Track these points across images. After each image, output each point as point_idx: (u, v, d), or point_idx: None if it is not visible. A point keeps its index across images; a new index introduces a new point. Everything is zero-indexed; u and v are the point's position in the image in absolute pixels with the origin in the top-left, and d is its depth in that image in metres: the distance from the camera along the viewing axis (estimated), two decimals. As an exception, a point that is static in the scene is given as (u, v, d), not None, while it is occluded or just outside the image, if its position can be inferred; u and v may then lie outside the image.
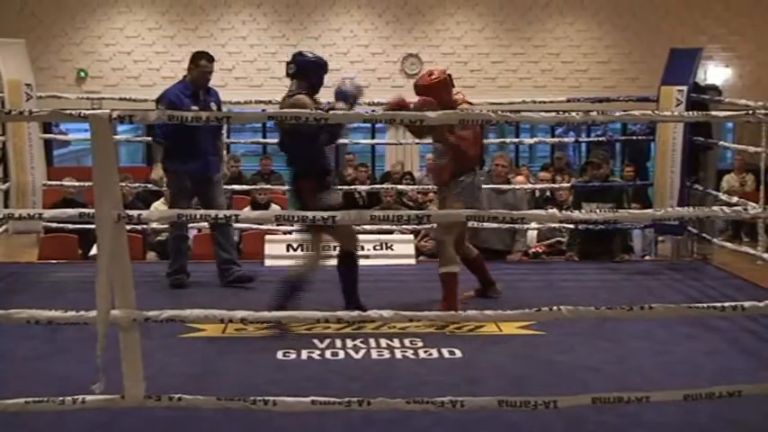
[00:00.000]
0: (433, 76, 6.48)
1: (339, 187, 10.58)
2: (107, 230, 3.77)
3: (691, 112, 6.90)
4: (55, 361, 5.27)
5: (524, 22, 15.79)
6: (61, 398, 3.91)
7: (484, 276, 7.01)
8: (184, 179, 7.30)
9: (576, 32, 15.81)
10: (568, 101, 9.34)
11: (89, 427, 4.27)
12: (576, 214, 4.44)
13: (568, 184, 9.84)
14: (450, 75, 6.54)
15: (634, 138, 12.10)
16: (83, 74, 15.12)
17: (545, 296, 6.76)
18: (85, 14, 15.22)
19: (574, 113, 4.14)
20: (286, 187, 7.73)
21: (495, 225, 7.55)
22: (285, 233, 8.36)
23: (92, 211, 3.88)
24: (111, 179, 3.79)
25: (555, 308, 4.03)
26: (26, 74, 8.30)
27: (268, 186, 10.55)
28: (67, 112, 3.90)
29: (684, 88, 8.02)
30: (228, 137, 8.80)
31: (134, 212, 4.02)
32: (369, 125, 14.39)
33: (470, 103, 6.64)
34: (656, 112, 7.15)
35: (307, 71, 6.33)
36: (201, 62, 7.48)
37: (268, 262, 8.09)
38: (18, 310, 3.97)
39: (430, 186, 10.23)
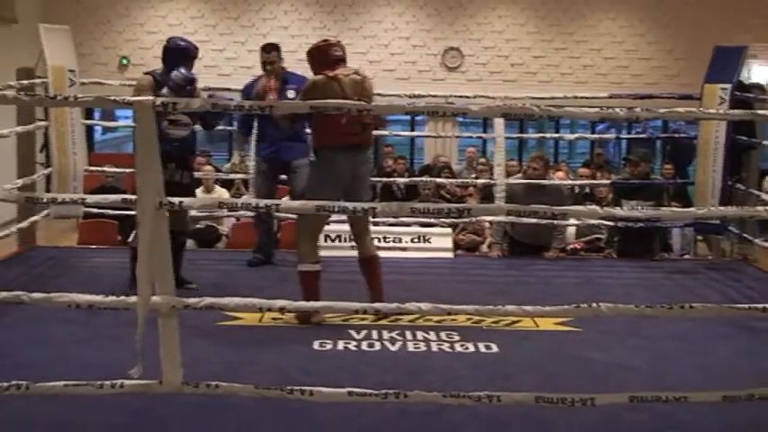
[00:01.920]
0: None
1: (377, 179, 10.66)
2: (149, 217, 3.79)
3: (735, 111, 6.83)
4: (93, 345, 5.31)
5: (566, 17, 15.69)
6: (99, 382, 3.93)
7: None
8: (259, 163, 7.77)
9: (618, 28, 15.69)
10: (611, 97, 9.26)
11: (125, 412, 4.30)
12: (617, 211, 4.40)
13: (608, 181, 9.79)
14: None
15: (675, 135, 11.99)
16: (125, 61, 15.21)
17: (583, 293, 6.72)
18: (129, 2, 15.30)
19: (617, 109, 4.10)
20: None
21: (534, 220, 7.57)
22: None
23: (134, 197, 3.90)
24: (153, 166, 3.81)
25: (594, 305, 4.01)
26: (70, 60, 8.35)
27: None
28: (112, 98, 3.92)
29: (728, 86, 7.94)
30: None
31: (175, 199, 4.04)
32: (408, 117, 14.42)
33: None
34: (700, 109, 7.08)
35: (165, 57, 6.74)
36: (261, 53, 7.68)
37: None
38: (59, 294, 4.00)
39: (469, 180, 10.23)
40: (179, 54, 6.68)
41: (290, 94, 7.35)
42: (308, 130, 7.18)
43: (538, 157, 8.82)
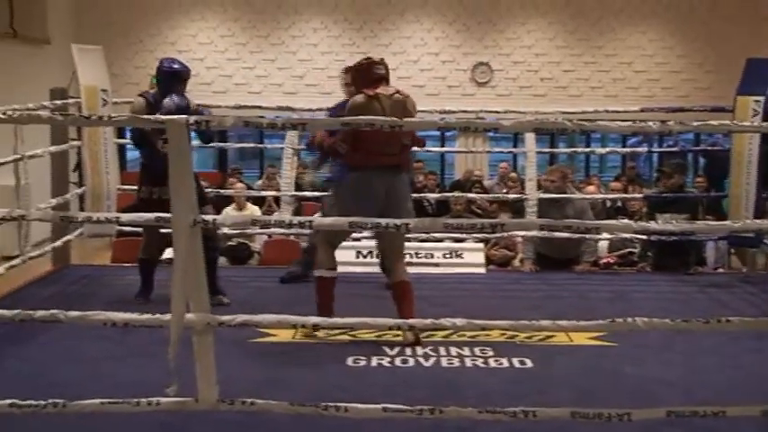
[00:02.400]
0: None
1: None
2: (183, 235, 3.81)
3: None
4: (128, 363, 5.33)
5: (596, 31, 15.66)
6: (136, 400, 3.95)
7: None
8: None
9: (648, 42, 15.64)
10: (642, 110, 9.23)
11: (162, 430, 4.31)
12: (651, 225, 4.38)
13: (640, 195, 9.74)
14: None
15: (709, 148, 11.92)
16: (156, 80, 15.28)
17: (617, 307, 6.70)
18: (160, 22, 15.43)
19: (650, 123, 4.09)
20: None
21: (566, 235, 7.53)
22: (355, 240, 8.35)
23: (168, 215, 3.92)
24: (186, 184, 3.83)
25: (629, 319, 3.98)
26: (102, 80, 8.42)
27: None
28: (145, 117, 3.95)
29: (762, 98, 7.89)
30: (299, 144, 8.80)
31: (208, 217, 4.06)
32: (438, 133, 14.43)
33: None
34: (734, 122, 7.03)
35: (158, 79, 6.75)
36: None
37: (339, 268, 8.08)
38: (94, 312, 4.03)
39: (500, 195, 10.21)
40: (171, 77, 6.71)
41: None
42: None
43: (555, 169, 8.81)
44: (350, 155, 6.00)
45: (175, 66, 6.83)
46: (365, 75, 6.06)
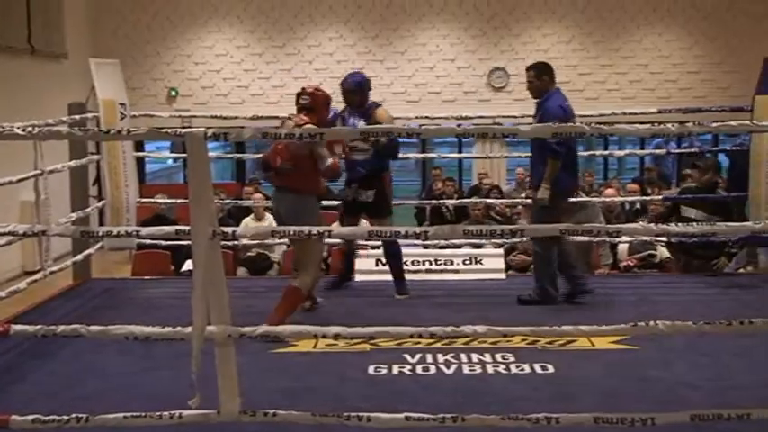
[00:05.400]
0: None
1: (426, 201, 10.68)
2: (203, 247, 3.82)
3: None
4: (150, 376, 5.34)
5: (612, 33, 15.63)
6: (158, 413, 3.96)
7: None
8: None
9: (664, 43, 15.60)
10: (659, 112, 9.19)
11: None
12: (672, 228, 4.35)
13: (659, 197, 9.69)
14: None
15: (728, 149, 11.84)
16: (174, 93, 15.40)
17: (639, 310, 6.66)
18: (176, 35, 15.50)
19: (669, 125, 4.07)
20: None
21: (586, 239, 7.51)
22: (374, 248, 8.35)
23: (187, 227, 3.93)
24: (206, 196, 3.84)
25: (651, 323, 3.97)
26: (120, 93, 8.45)
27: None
28: (164, 130, 3.96)
29: (781, 98, 7.87)
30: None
31: (228, 229, 4.07)
32: (456, 139, 14.43)
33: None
34: (753, 122, 7.00)
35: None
36: None
37: (358, 277, 8.08)
38: (116, 326, 4.04)
39: (518, 200, 10.18)
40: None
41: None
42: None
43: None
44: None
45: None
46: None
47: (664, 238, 8.36)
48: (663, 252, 8.86)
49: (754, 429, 4.23)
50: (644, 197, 10.51)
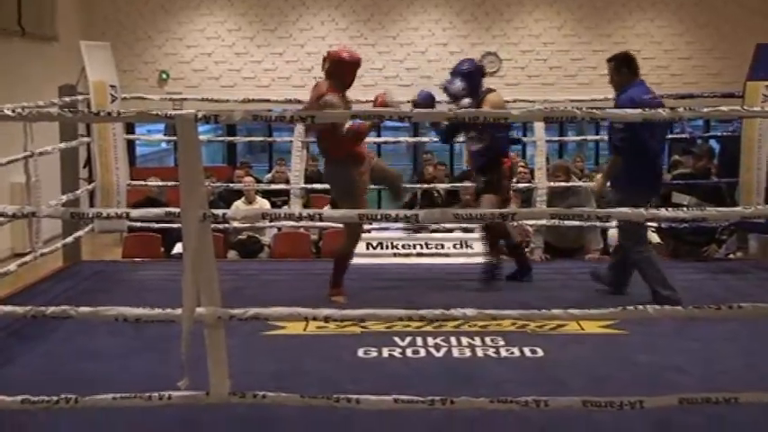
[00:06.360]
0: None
1: (417, 185, 10.69)
2: (193, 229, 3.81)
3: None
4: (141, 358, 5.34)
5: (604, 19, 15.63)
6: (148, 394, 3.96)
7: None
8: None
9: (656, 29, 15.60)
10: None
11: (175, 424, 4.32)
12: (662, 212, 4.35)
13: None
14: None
15: (719, 135, 11.84)
16: (165, 76, 15.36)
17: (628, 295, 6.68)
18: (168, 18, 15.45)
19: (660, 110, 4.07)
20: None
21: (576, 223, 7.51)
22: (365, 231, 8.34)
23: (177, 210, 3.92)
24: (196, 179, 3.83)
25: (640, 307, 3.98)
26: (111, 76, 8.43)
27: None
28: (154, 112, 3.94)
29: (771, 84, 7.89)
30: (306, 136, 8.80)
31: (218, 211, 4.07)
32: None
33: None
34: (744, 107, 7.01)
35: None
36: None
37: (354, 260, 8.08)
38: (105, 307, 4.04)
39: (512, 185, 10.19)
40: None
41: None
42: None
43: (559, 167, 8.85)
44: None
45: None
46: None
47: (654, 224, 8.36)
48: (653, 237, 8.85)
49: (741, 413, 4.26)
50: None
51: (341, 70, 6.56)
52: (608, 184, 6.79)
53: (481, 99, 7.06)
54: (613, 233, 9.14)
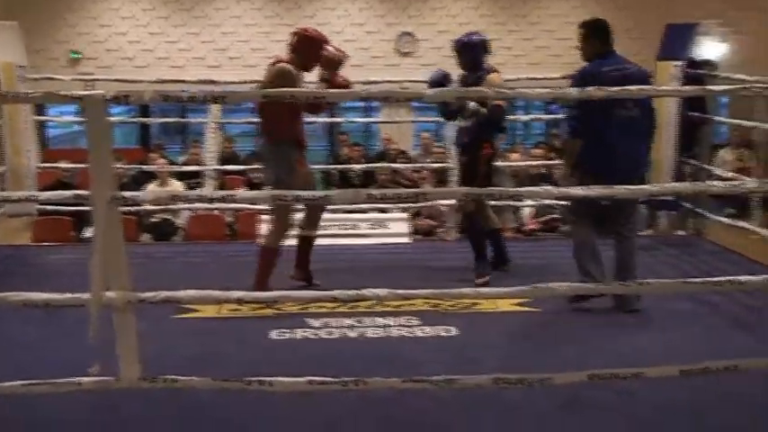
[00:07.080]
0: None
1: (333, 166, 10.68)
2: (101, 211, 3.75)
3: (687, 87, 6.89)
4: (53, 344, 5.26)
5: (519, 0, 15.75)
6: (57, 380, 3.91)
7: None
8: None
9: (571, 9, 15.74)
10: (564, 78, 9.27)
11: (89, 410, 4.27)
12: (572, 191, 4.41)
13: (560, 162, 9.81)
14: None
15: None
16: (75, 55, 15.06)
17: (540, 273, 6.75)
18: (80, -4, 15.17)
19: (570, 90, 4.12)
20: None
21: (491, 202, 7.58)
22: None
23: (87, 192, 3.87)
24: (105, 161, 3.78)
25: (549, 284, 4.03)
26: (20, 56, 8.28)
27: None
28: (61, 93, 3.88)
29: (680, 63, 8.02)
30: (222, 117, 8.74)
31: (128, 194, 4.02)
32: (363, 104, 14.42)
33: None
34: (653, 87, 7.12)
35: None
36: None
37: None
38: (13, 293, 3.96)
39: (424, 165, 10.23)
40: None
41: None
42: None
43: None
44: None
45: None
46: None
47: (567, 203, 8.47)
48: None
49: (648, 388, 4.34)
50: (548, 162, 10.60)
51: (306, 46, 6.35)
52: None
53: (482, 77, 6.83)
54: (528, 212, 9.27)
